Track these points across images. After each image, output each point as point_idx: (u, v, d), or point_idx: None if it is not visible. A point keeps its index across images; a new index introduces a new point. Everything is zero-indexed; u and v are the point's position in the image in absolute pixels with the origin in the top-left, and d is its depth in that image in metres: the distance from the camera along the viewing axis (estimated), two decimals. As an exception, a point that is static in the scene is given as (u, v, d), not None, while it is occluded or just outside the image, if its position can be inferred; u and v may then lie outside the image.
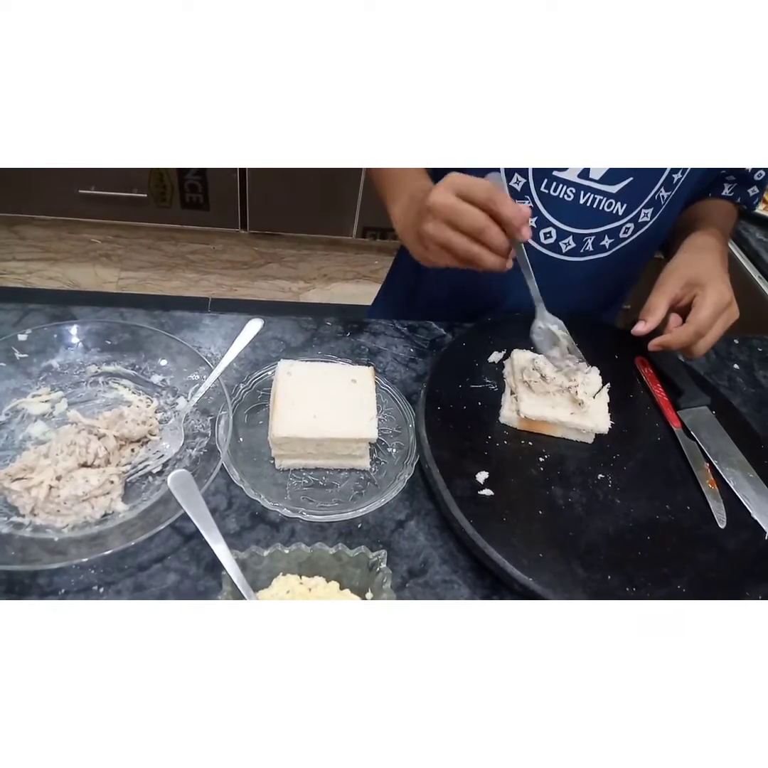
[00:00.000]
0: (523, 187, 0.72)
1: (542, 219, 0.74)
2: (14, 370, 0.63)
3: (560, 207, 0.73)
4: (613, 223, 0.74)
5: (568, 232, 0.75)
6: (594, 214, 0.73)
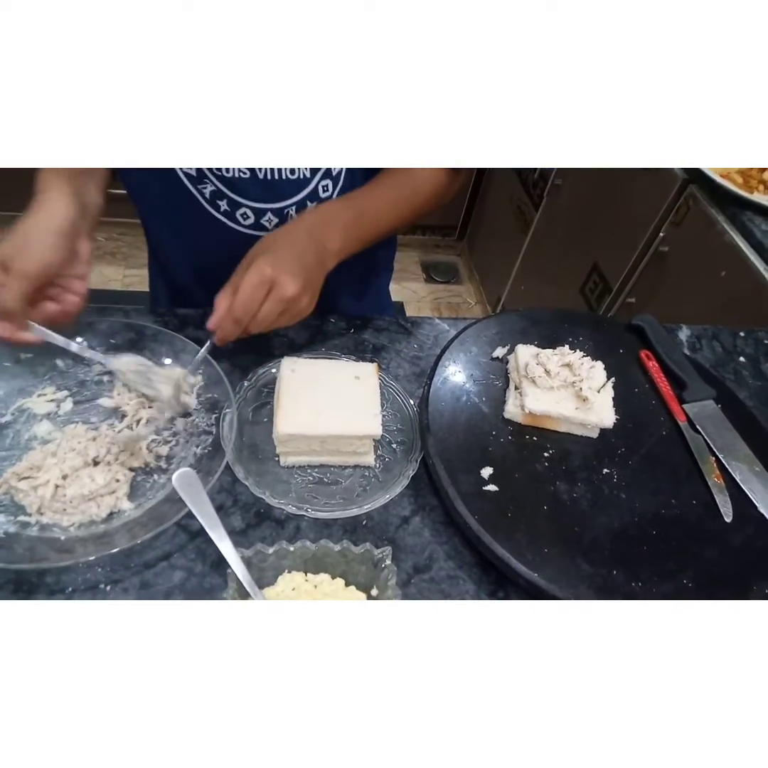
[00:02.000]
0: (198, 172, 0.70)
1: (232, 201, 0.72)
2: (19, 369, 0.63)
3: (243, 186, 0.71)
4: (308, 188, 0.72)
5: (264, 209, 0.73)
6: (281, 184, 0.71)
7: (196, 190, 0.72)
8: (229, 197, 0.72)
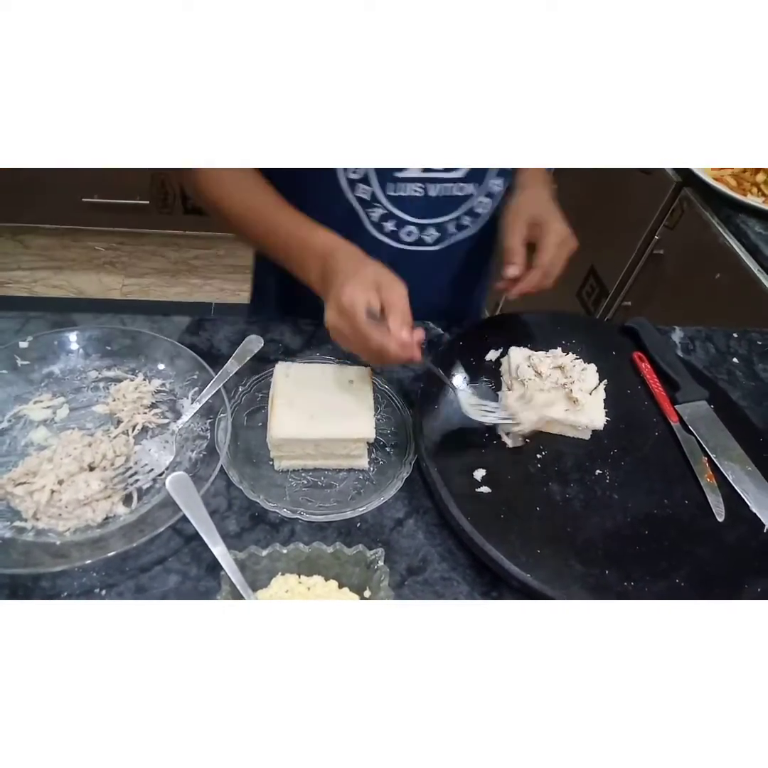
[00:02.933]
0: (371, 197, 0.72)
1: (400, 220, 0.74)
2: (16, 377, 0.63)
3: (413, 204, 0.73)
4: (469, 203, 0.75)
5: (428, 225, 0.75)
6: (447, 201, 0.73)
7: (365, 213, 0.73)
8: (397, 218, 0.74)
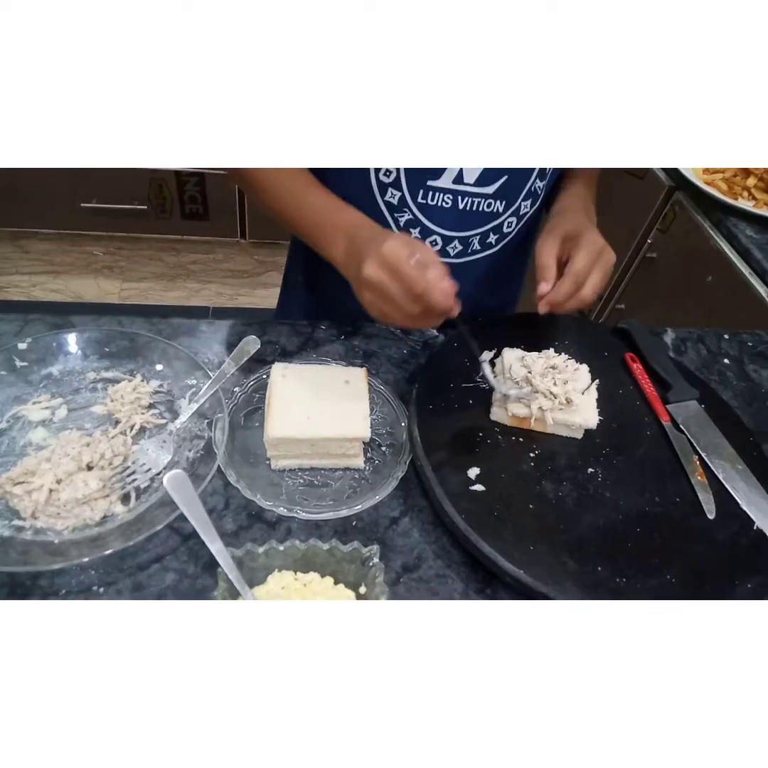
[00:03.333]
0: (399, 201, 0.72)
1: (425, 229, 0.75)
2: (15, 378, 0.64)
3: (441, 215, 0.73)
4: (496, 221, 0.75)
5: (453, 237, 0.76)
6: (475, 215, 0.74)
7: (392, 218, 0.74)
8: (423, 225, 0.74)
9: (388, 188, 0.72)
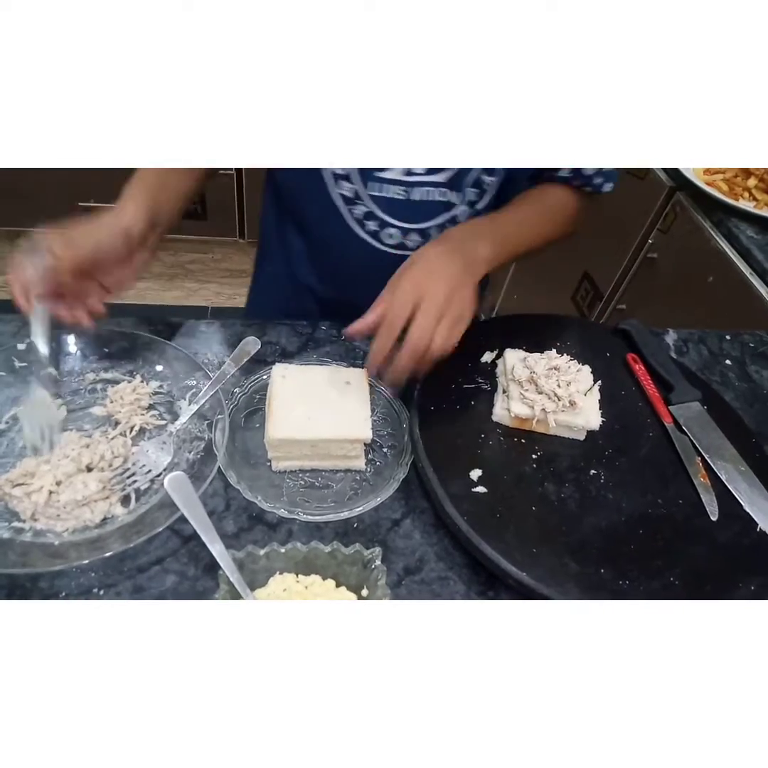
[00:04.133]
0: (354, 194, 0.72)
1: (382, 221, 0.74)
2: (14, 379, 0.64)
3: (395, 206, 0.73)
4: (452, 211, 0.74)
5: (410, 229, 0.75)
6: (430, 206, 0.73)
7: (347, 210, 0.73)
8: (380, 218, 0.74)
9: (339, 180, 0.71)
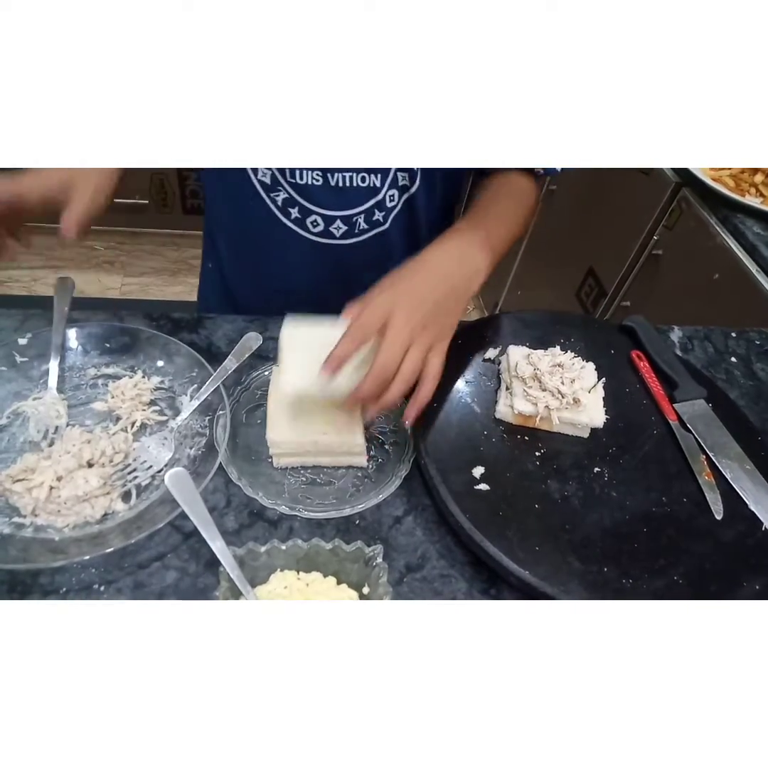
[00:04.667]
0: (272, 180, 0.71)
1: (303, 208, 0.73)
2: (15, 373, 0.63)
3: (315, 193, 0.71)
4: (377, 196, 0.72)
5: (334, 217, 0.73)
6: (351, 192, 0.72)
7: (268, 198, 0.72)
8: (300, 204, 0.72)
9: (258, 168, 0.70)
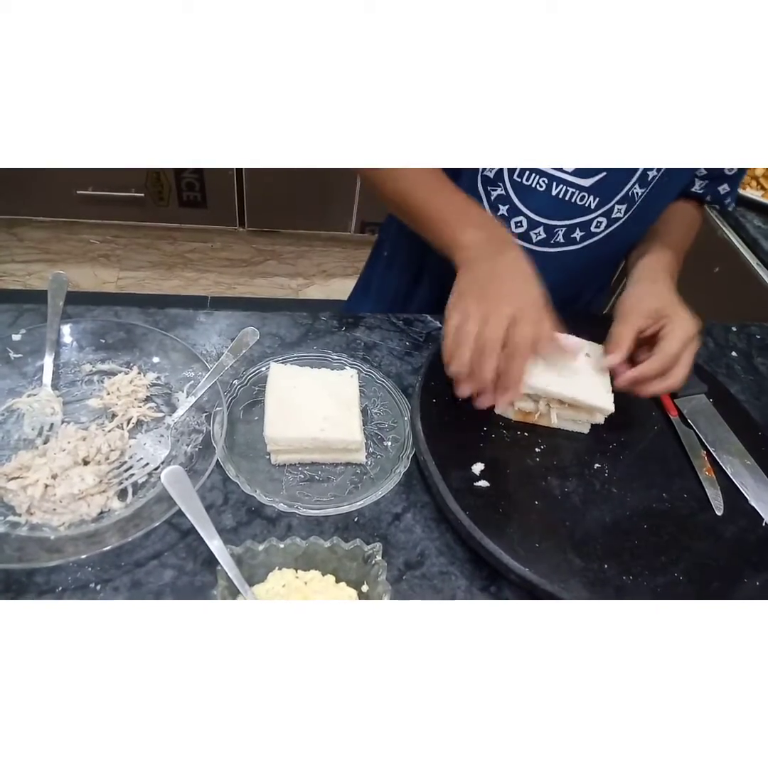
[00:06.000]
0: (496, 174, 0.72)
1: (514, 207, 0.74)
2: (9, 370, 0.63)
3: (532, 196, 0.72)
4: (585, 216, 0.74)
5: (539, 222, 0.74)
6: (566, 205, 0.73)
7: (484, 191, 0.73)
8: (513, 204, 0.73)
9: None
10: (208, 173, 1.93)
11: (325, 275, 2.27)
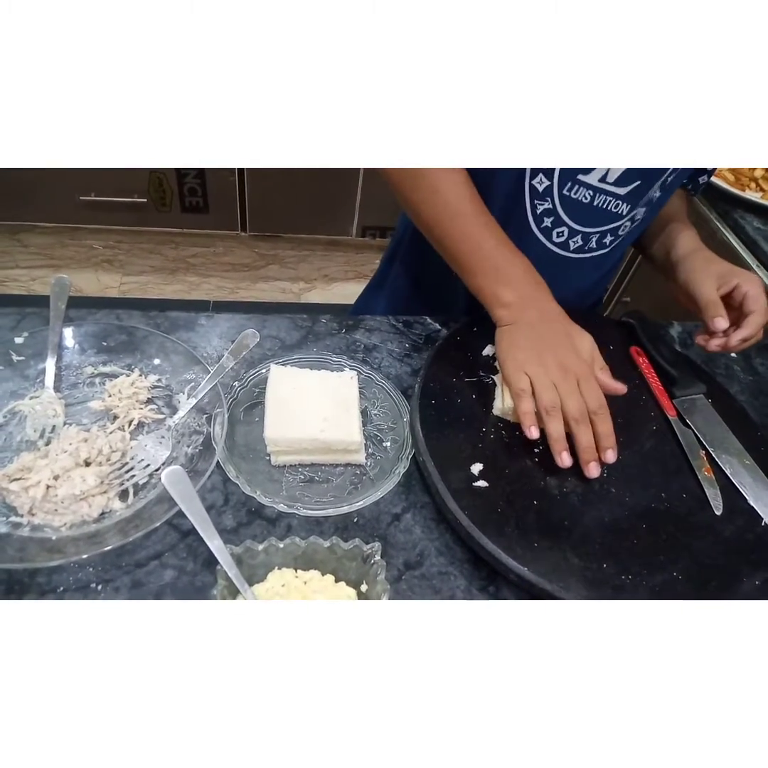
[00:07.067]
0: (545, 189, 0.73)
1: (558, 219, 0.75)
2: (11, 372, 0.63)
3: (577, 208, 0.74)
4: (616, 222, 0.76)
5: (577, 231, 0.76)
6: (603, 214, 0.75)
7: (530, 204, 0.74)
8: (558, 216, 0.75)
9: (539, 174, 0.72)
10: (210, 179, 1.94)
11: (327, 279, 2.27)
